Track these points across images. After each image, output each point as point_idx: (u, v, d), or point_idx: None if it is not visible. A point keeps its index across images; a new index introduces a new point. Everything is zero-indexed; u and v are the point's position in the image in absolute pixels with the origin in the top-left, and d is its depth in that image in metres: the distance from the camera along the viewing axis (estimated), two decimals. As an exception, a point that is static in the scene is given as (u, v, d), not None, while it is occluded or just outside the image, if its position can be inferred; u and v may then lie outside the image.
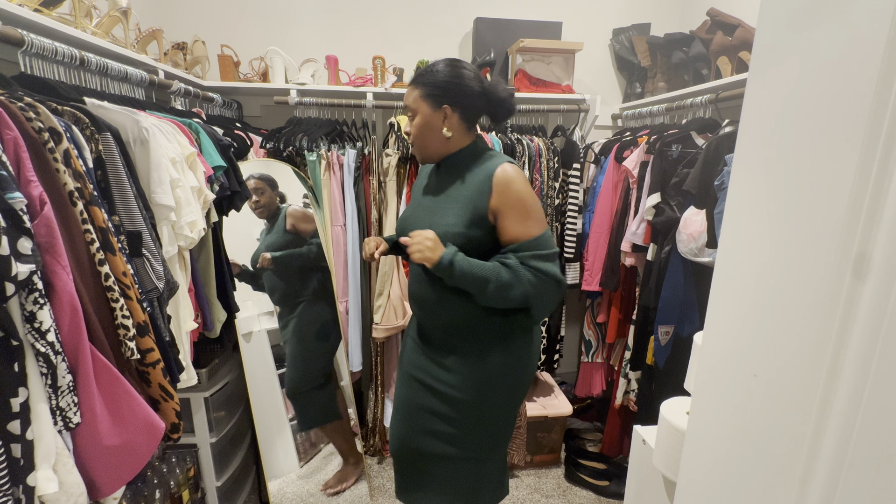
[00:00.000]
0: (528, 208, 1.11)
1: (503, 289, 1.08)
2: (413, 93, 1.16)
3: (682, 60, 2.03)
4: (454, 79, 1.13)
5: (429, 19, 2.31)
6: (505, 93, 1.17)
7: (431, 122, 1.15)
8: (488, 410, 1.21)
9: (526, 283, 1.08)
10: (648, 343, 1.75)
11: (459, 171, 1.18)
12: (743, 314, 0.64)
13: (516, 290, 1.08)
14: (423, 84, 1.14)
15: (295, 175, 1.88)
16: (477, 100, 1.15)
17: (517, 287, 1.08)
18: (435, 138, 1.17)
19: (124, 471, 0.91)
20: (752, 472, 0.62)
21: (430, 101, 1.14)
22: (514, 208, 1.10)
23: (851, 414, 0.48)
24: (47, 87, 1.08)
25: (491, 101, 1.17)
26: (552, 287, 1.11)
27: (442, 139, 1.16)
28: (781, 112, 0.58)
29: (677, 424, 1.11)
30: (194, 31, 2.05)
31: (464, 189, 1.15)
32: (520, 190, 1.11)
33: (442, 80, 1.13)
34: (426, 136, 1.17)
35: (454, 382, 1.19)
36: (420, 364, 1.25)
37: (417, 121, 1.16)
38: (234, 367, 1.82)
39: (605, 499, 1.97)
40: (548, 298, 1.13)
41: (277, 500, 1.78)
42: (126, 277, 0.93)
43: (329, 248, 1.93)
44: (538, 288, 1.09)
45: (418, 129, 1.17)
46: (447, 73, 1.13)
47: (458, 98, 1.13)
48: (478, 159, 1.18)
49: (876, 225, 0.46)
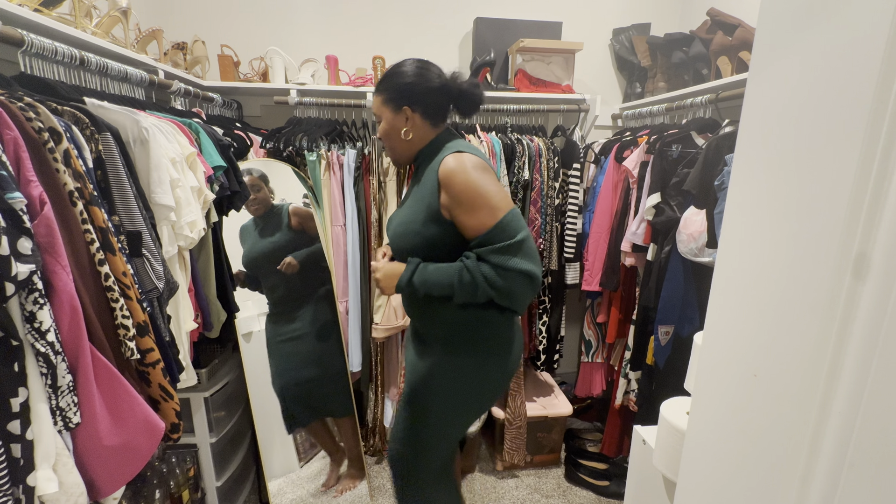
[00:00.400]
0: (475, 198, 1.04)
1: (468, 292, 1.05)
2: (376, 100, 1.17)
3: (682, 60, 2.03)
4: (410, 78, 1.12)
5: (429, 19, 2.31)
6: (467, 84, 1.16)
7: (395, 126, 1.16)
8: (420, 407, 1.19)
9: (488, 283, 1.02)
10: (648, 343, 1.75)
11: (421, 169, 1.18)
12: (743, 314, 0.64)
13: (480, 290, 1.04)
14: (382, 90, 1.15)
15: (295, 175, 1.88)
16: (437, 96, 1.14)
17: (480, 287, 1.03)
18: (399, 141, 1.17)
19: (124, 471, 0.91)
20: (752, 472, 0.62)
21: (390, 106, 1.15)
22: (461, 202, 1.05)
23: (851, 414, 0.48)
24: (47, 87, 1.08)
25: (452, 95, 1.15)
26: (519, 281, 1.02)
27: (404, 141, 1.17)
28: (781, 112, 0.58)
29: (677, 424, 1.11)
30: (194, 31, 2.05)
31: (420, 187, 1.14)
32: (462, 181, 1.04)
33: (399, 82, 1.13)
34: (392, 140, 1.18)
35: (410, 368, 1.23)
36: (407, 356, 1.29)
37: (382, 126, 1.17)
38: (234, 367, 1.82)
39: (605, 499, 1.97)
40: (517, 294, 1.05)
41: (277, 500, 1.78)
42: (126, 277, 0.93)
43: (329, 248, 1.93)
44: (502, 285, 1.02)
45: (384, 133, 1.18)
46: (403, 73, 1.13)
47: (416, 97, 1.13)
48: (434, 155, 1.15)
49: (876, 225, 0.46)
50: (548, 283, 2.09)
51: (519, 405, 2.03)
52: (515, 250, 1.02)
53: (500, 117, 2.17)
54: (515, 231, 1.03)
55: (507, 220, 1.03)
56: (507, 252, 1.02)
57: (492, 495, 1.98)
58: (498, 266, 1.02)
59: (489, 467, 2.15)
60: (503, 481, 2.07)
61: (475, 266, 1.04)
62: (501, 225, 1.02)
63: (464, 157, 1.07)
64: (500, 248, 1.02)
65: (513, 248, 1.02)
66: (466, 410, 1.22)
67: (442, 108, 1.16)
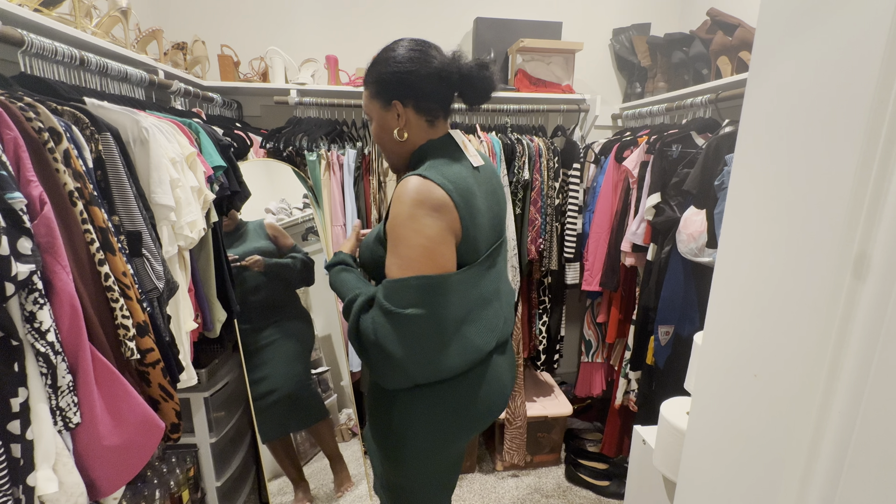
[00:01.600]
0: (395, 237, 0.85)
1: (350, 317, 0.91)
2: (364, 96, 0.98)
3: (682, 60, 2.03)
4: (397, 65, 0.90)
5: (429, 19, 2.31)
6: (471, 65, 0.92)
7: (386, 125, 0.96)
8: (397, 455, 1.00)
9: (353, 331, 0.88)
10: (648, 343, 1.75)
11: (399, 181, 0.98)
12: (743, 314, 0.64)
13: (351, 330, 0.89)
14: (368, 83, 0.95)
15: (295, 175, 1.88)
16: (432, 83, 0.91)
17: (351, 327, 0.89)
18: (392, 143, 0.97)
19: (124, 471, 0.91)
20: (752, 472, 0.62)
21: (379, 101, 0.94)
22: (389, 234, 0.87)
23: (851, 414, 0.48)
24: (47, 87, 1.08)
25: (453, 81, 0.92)
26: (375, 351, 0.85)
27: (398, 143, 0.96)
28: (782, 112, 0.58)
29: (677, 424, 1.11)
30: (194, 31, 2.05)
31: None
32: (398, 213, 0.85)
33: (384, 71, 0.92)
34: (385, 142, 0.98)
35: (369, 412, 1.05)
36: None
37: (374, 124, 0.98)
38: (234, 367, 1.82)
39: (605, 499, 1.97)
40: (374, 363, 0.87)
41: (277, 500, 1.78)
42: (126, 277, 0.93)
43: (329, 248, 1.93)
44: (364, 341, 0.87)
45: (376, 135, 0.99)
46: (393, 59, 0.91)
47: (406, 88, 0.91)
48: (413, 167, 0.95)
49: (876, 225, 0.46)
50: (548, 283, 2.09)
51: (519, 405, 2.03)
52: (395, 322, 0.83)
53: (500, 117, 2.17)
54: (410, 303, 0.82)
55: (414, 285, 0.83)
56: (388, 318, 0.83)
57: (492, 495, 1.98)
58: (374, 322, 0.85)
59: (489, 467, 2.15)
60: (503, 481, 2.07)
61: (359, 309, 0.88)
62: (402, 284, 0.83)
63: (417, 185, 0.85)
64: (385, 310, 0.84)
65: (394, 319, 0.83)
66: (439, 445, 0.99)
67: (441, 99, 0.94)
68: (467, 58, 0.93)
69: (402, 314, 0.82)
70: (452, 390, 0.94)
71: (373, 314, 0.86)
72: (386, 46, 0.95)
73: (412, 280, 0.83)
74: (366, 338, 0.87)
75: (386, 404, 0.97)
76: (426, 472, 1.01)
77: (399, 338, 0.83)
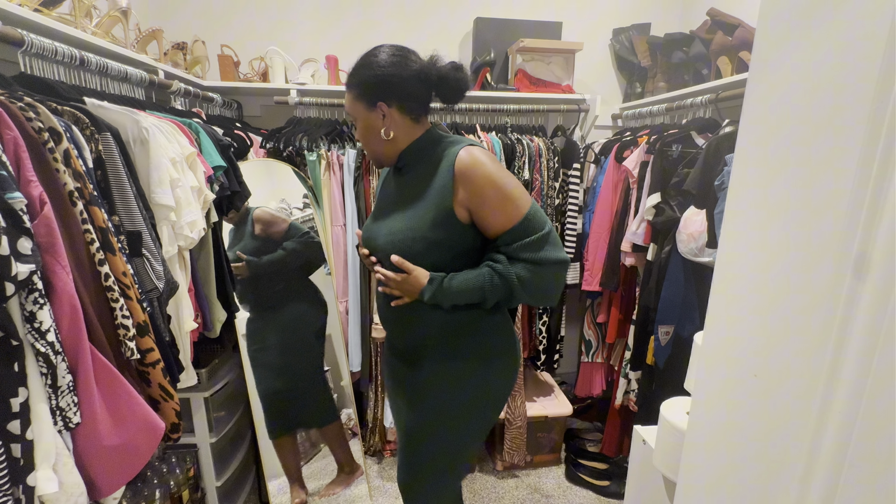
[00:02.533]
0: (502, 191, 0.97)
1: (501, 295, 1.00)
2: (347, 97, 1.04)
3: (682, 60, 2.03)
4: (380, 69, 0.99)
5: (429, 19, 2.31)
6: (447, 67, 1.01)
7: (372, 125, 1.03)
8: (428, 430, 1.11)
9: (524, 283, 0.98)
10: (648, 343, 1.75)
11: (414, 167, 1.06)
12: (743, 314, 0.64)
13: (518, 294, 0.99)
14: (353, 84, 1.02)
15: (295, 175, 1.88)
16: (414, 85, 1.00)
17: (517, 291, 0.99)
18: (379, 141, 1.05)
19: (124, 471, 0.91)
20: (752, 472, 0.62)
21: (363, 102, 1.01)
22: (487, 196, 0.97)
23: (851, 414, 0.48)
24: (47, 87, 1.08)
25: (431, 81, 1.01)
26: (552, 273, 0.99)
27: (385, 141, 1.04)
28: (781, 112, 0.58)
29: (677, 424, 1.11)
30: (194, 31, 2.05)
31: (421, 187, 1.03)
32: (487, 173, 0.97)
33: (368, 74, 1.00)
34: (371, 141, 1.05)
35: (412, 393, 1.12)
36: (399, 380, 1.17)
37: (358, 127, 1.05)
38: (234, 367, 1.81)
39: (605, 499, 1.97)
40: (552, 287, 1.02)
41: (277, 500, 1.78)
42: (126, 277, 0.93)
43: (329, 248, 1.93)
44: (536, 282, 0.98)
45: (361, 135, 1.06)
46: (375, 64, 0.99)
47: (390, 90, 0.99)
48: (433, 151, 1.04)
49: (876, 225, 0.46)
50: (548, 283, 2.08)
51: (519, 405, 2.03)
52: (544, 241, 0.98)
53: (500, 117, 2.17)
54: (543, 222, 0.99)
55: (533, 213, 0.99)
56: (538, 245, 0.97)
57: (492, 495, 1.98)
58: (531, 261, 0.98)
59: (489, 467, 2.15)
60: (503, 481, 2.07)
61: (506, 270, 0.98)
62: (528, 217, 0.97)
63: (479, 152, 1.00)
64: (531, 243, 0.97)
65: (542, 240, 0.98)
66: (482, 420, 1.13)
67: (422, 99, 1.03)
68: (443, 61, 1.02)
69: (549, 231, 0.99)
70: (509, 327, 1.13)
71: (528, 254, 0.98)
72: (367, 52, 1.03)
73: (532, 207, 0.99)
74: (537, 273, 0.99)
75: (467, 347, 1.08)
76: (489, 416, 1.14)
77: (556, 247, 1.00)
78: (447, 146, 1.03)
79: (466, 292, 1.00)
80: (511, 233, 0.98)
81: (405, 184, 1.08)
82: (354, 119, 1.06)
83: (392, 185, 1.12)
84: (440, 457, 1.14)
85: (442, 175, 1.00)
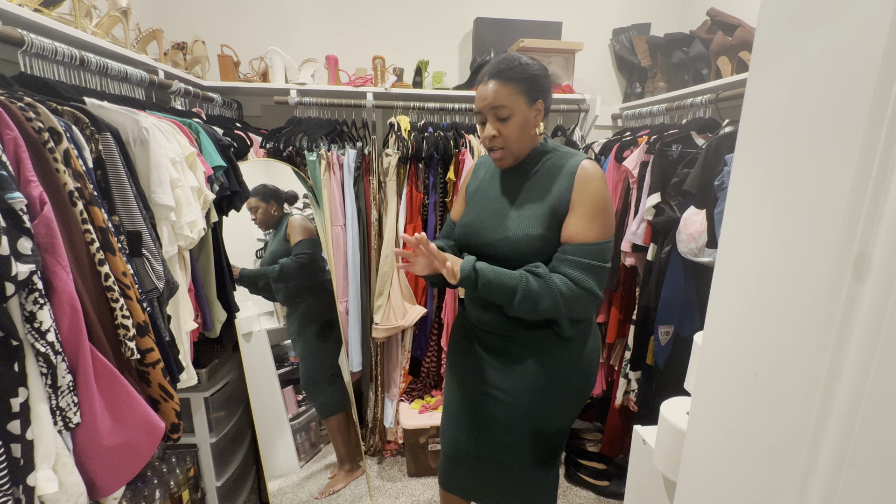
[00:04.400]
0: (597, 210, 1.04)
1: (531, 299, 1.02)
2: (504, 89, 1.04)
3: (682, 60, 2.03)
4: (540, 71, 1.06)
5: (429, 19, 2.31)
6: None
7: (529, 120, 1.07)
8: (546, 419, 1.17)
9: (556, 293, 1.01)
10: (648, 343, 1.75)
11: (532, 170, 1.12)
12: (743, 314, 0.64)
13: (545, 300, 1.02)
14: (514, 79, 1.04)
15: (295, 175, 1.88)
16: (551, 93, 1.10)
17: (546, 297, 1.01)
18: (530, 137, 1.09)
19: (124, 471, 0.91)
20: (752, 471, 0.62)
21: (526, 97, 1.05)
22: (583, 205, 1.04)
23: (851, 414, 0.48)
24: (47, 87, 1.08)
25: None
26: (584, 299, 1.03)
27: (532, 136, 1.09)
28: (781, 112, 0.58)
29: (677, 424, 1.11)
30: (194, 31, 2.05)
31: (540, 189, 1.08)
32: (596, 189, 1.04)
33: (532, 72, 1.05)
34: (524, 135, 1.08)
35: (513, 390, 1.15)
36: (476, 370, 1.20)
37: (516, 120, 1.05)
38: (234, 367, 1.82)
39: (605, 499, 1.97)
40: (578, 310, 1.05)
41: (277, 500, 1.78)
42: (126, 277, 0.93)
43: (329, 248, 1.93)
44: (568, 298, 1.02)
45: (516, 129, 1.06)
46: (531, 66, 1.05)
47: (546, 92, 1.08)
48: (552, 157, 1.11)
49: (876, 225, 0.46)
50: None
51: (519, 405, 2.03)
52: (597, 272, 1.04)
53: (500, 117, 2.17)
54: (606, 258, 1.05)
55: (607, 246, 1.05)
56: (591, 270, 1.03)
57: (492, 495, 1.98)
58: (572, 278, 1.02)
59: (489, 467, 2.15)
60: (503, 481, 2.07)
61: (548, 274, 1.03)
62: (601, 247, 1.04)
63: (599, 168, 1.07)
64: (587, 265, 1.02)
65: (597, 270, 1.04)
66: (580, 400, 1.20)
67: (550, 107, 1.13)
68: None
69: (605, 269, 1.05)
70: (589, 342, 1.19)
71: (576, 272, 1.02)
72: (509, 55, 1.06)
73: (609, 242, 1.06)
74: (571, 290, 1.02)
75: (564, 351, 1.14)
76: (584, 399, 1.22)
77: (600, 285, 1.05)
78: (566, 154, 1.11)
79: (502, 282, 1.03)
80: (579, 246, 1.03)
81: (516, 184, 1.13)
82: (508, 115, 1.05)
83: (499, 185, 1.17)
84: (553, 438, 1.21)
85: (563, 180, 1.06)
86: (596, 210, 1.04)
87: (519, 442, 1.18)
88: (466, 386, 1.22)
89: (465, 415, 1.22)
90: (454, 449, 1.25)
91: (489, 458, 1.21)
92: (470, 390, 1.21)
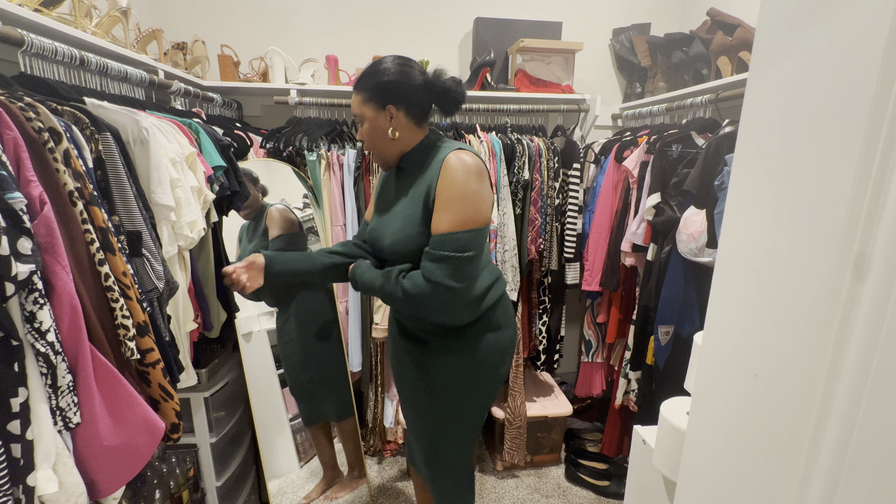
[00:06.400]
0: (452, 198, 1.03)
1: (390, 299, 1.08)
2: (356, 99, 1.12)
3: (682, 60, 2.03)
4: (392, 76, 1.09)
5: (429, 19, 2.31)
6: (449, 82, 1.12)
7: (378, 125, 1.12)
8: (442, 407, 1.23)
9: (401, 290, 1.05)
10: (648, 343, 1.75)
11: (414, 169, 1.15)
12: (743, 314, 0.64)
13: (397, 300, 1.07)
14: (363, 88, 1.11)
15: (295, 175, 1.88)
16: (420, 94, 1.10)
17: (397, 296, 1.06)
18: (385, 141, 1.14)
19: (124, 471, 0.91)
20: (752, 472, 0.62)
21: (373, 104, 1.10)
22: (440, 197, 1.04)
23: (851, 414, 0.48)
24: (47, 87, 1.08)
25: (434, 93, 1.12)
26: (434, 292, 1.02)
27: (391, 141, 1.13)
28: (781, 112, 0.58)
29: (677, 424, 1.11)
30: (194, 31, 2.05)
31: (417, 187, 1.11)
32: (454, 179, 1.04)
33: (380, 80, 1.09)
34: (376, 140, 1.14)
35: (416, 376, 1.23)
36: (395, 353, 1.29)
37: (365, 127, 1.13)
38: (234, 367, 1.81)
39: (605, 499, 1.97)
40: (432, 304, 1.05)
41: (277, 500, 1.78)
42: (126, 277, 0.93)
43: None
44: (414, 295, 1.04)
45: (367, 135, 1.14)
46: (385, 71, 1.09)
47: (399, 96, 1.09)
48: (429, 152, 1.13)
49: (876, 225, 0.46)
50: (548, 283, 2.09)
51: (519, 405, 2.03)
52: (452, 264, 1.02)
53: (500, 117, 2.17)
54: (465, 247, 1.02)
55: (466, 235, 1.02)
56: (443, 262, 1.02)
57: (492, 495, 1.98)
58: (424, 273, 1.03)
59: (489, 467, 2.15)
60: (503, 481, 2.07)
61: (391, 272, 1.08)
62: (455, 236, 1.02)
63: (466, 158, 1.07)
64: (440, 257, 1.02)
65: (450, 262, 1.02)
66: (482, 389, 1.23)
67: (425, 106, 1.13)
68: (446, 75, 1.14)
69: (466, 258, 1.02)
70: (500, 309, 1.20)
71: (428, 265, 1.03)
72: (375, 61, 1.12)
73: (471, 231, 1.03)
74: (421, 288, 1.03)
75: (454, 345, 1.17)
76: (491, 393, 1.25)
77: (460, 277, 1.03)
78: (443, 149, 1.12)
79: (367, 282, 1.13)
80: (434, 238, 1.04)
81: (403, 184, 1.16)
82: (362, 121, 1.13)
83: (392, 186, 1.21)
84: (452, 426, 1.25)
85: (430, 175, 1.09)
86: (451, 199, 1.03)
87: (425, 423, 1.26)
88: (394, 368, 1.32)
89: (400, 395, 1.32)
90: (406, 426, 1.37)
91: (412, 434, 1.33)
92: (396, 372, 1.31)
